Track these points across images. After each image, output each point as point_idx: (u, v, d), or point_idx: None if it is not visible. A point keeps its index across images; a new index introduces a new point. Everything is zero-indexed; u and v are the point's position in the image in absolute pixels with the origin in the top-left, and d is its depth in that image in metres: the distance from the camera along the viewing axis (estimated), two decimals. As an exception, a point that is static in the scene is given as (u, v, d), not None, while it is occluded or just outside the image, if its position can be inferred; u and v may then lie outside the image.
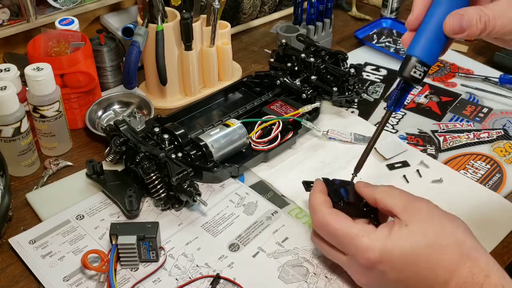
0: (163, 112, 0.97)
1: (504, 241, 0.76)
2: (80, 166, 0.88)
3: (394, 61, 1.15)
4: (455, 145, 0.93)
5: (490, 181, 0.85)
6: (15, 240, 0.75)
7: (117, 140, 0.82)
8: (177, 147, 0.84)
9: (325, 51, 1.01)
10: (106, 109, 0.98)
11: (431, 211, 0.63)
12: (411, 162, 0.89)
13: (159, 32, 0.94)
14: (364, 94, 0.97)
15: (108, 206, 0.80)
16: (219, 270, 0.71)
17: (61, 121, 0.88)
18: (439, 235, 0.60)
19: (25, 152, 0.84)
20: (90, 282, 0.69)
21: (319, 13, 1.14)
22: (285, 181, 0.85)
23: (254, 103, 0.96)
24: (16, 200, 0.82)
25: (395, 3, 1.28)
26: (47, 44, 0.94)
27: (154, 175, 0.77)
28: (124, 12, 1.16)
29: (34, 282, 0.71)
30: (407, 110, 1.01)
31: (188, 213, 0.79)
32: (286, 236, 0.76)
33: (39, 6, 1.04)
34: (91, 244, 0.74)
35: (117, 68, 1.05)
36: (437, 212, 0.63)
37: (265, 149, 0.88)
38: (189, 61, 0.99)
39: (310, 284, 0.69)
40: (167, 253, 0.73)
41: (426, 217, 0.62)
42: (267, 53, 1.12)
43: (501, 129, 0.96)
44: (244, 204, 0.81)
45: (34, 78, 0.82)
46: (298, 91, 0.96)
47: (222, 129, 0.86)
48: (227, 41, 1.05)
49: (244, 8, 1.21)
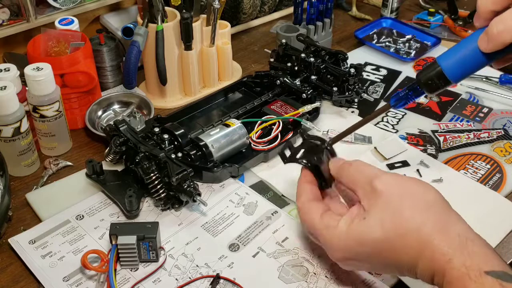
0: (163, 112, 0.97)
1: (504, 241, 0.76)
2: (80, 166, 0.88)
3: (394, 61, 1.15)
4: (455, 145, 0.93)
5: (490, 181, 0.85)
6: (15, 240, 0.75)
7: (117, 140, 0.81)
8: (177, 147, 0.84)
9: (325, 51, 1.01)
10: (106, 109, 0.98)
11: (389, 194, 0.59)
12: (411, 162, 0.89)
13: (159, 32, 0.94)
14: (364, 94, 0.98)
15: (108, 206, 0.80)
16: (219, 270, 0.71)
17: (61, 121, 0.88)
18: (397, 224, 0.57)
19: (25, 152, 0.84)
20: (90, 282, 0.69)
21: (319, 13, 1.14)
22: (285, 181, 0.85)
23: (254, 103, 0.96)
24: (16, 200, 0.82)
25: (395, 3, 1.28)
26: (47, 44, 0.94)
27: (154, 175, 0.77)
28: (124, 12, 1.16)
29: (34, 282, 0.71)
30: (407, 110, 1.01)
31: (188, 213, 0.79)
32: (286, 236, 0.76)
33: (39, 6, 1.04)
34: (91, 244, 0.74)
35: (117, 68, 1.05)
36: (395, 193, 0.59)
37: (265, 149, 0.88)
38: (189, 61, 0.99)
39: (310, 284, 0.69)
40: (167, 253, 0.73)
41: (384, 204, 0.58)
42: (267, 53, 1.12)
43: (501, 129, 0.96)
44: (244, 204, 0.81)
45: (34, 78, 0.82)
46: (298, 91, 0.96)
47: (222, 129, 0.86)
48: (227, 41, 1.05)
49: (244, 8, 1.21)
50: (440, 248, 0.55)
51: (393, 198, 0.59)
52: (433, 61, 0.63)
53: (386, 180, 0.60)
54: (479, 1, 0.60)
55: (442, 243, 0.55)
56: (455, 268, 0.53)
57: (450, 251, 0.55)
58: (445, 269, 0.54)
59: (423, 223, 0.57)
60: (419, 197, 0.59)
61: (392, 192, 0.59)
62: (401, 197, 0.59)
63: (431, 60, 1.15)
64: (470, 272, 0.53)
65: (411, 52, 1.18)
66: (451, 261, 0.54)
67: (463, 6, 1.34)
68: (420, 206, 0.58)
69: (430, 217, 0.57)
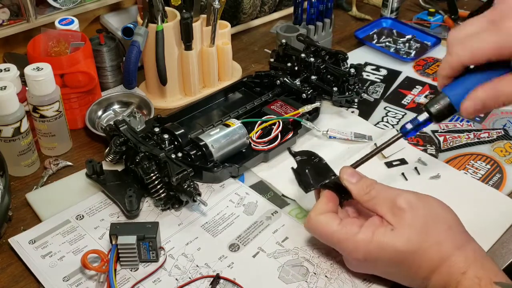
0: (163, 112, 0.97)
1: (504, 241, 0.76)
2: (80, 166, 0.88)
3: (394, 61, 1.15)
4: (455, 145, 0.93)
5: (490, 181, 0.85)
6: (15, 240, 0.75)
7: (117, 140, 0.82)
8: (177, 147, 0.84)
9: (325, 51, 1.01)
10: (106, 109, 0.98)
11: (415, 212, 0.64)
12: (409, 159, 0.89)
13: (159, 32, 0.94)
14: (364, 94, 0.98)
15: (108, 206, 0.80)
16: (219, 270, 0.71)
17: (61, 121, 0.88)
18: (422, 239, 0.63)
19: (25, 152, 0.84)
20: (90, 282, 0.69)
21: (319, 13, 1.14)
22: (285, 181, 0.85)
23: (254, 103, 0.96)
24: (16, 200, 0.82)
25: (395, 3, 1.28)
26: (47, 44, 0.94)
27: (154, 175, 0.77)
28: (124, 12, 1.16)
29: (34, 282, 0.71)
30: (407, 110, 1.01)
31: (188, 213, 0.79)
32: (286, 236, 0.76)
33: (39, 6, 1.04)
34: (91, 244, 0.74)
35: (117, 68, 1.05)
36: (421, 212, 0.65)
37: (265, 149, 0.88)
38: (189, 61, 0.99)
39: (310, 284, 0.69)
40: (167, 253, 0.73)
41: (411, 221, 0.64)
42: (267, 53, 1.12)
43: (501, 129, 0.96)
44: (244, 204, 0.81)
45: (34, 78, 0.82)
46: (298, 91, 0.96)
47: (222, 129, 0.86)
48: (227, 41, 1.05)
49: (244, 8, 1.21)
50: (458, 262, 0.61)
51: (419, 215, 0.64)
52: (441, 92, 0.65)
53: (408, 198, 0.65)
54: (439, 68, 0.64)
55: (460, 258, 0.62)
56: (468, 278, 0.60)
57: (466, 265, 0.61)
58: (459, 280, 0.60)
59: (445, 240, 0.63)
60: (441, 217, 0.65)
61: (417, 210, 0.65)
62: (425, 216, 0.64)
63: (431, 60, 1.15)
64: (481, 282, 0.59)
65: (411, 52, 1.18)
66: (465, 273, 0.61)
67: (463, 6, 1.34)
68: (442, 226, 0.64)
69: (450, 236, 0.64)
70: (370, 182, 0.68)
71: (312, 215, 0.68)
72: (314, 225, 0.68)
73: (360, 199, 0.68)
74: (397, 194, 0.66)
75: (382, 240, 0.63)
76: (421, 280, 0.64)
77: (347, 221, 0.67)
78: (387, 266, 0.65)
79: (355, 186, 0.69)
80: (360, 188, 0.68)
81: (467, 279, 0.60)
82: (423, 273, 0.63)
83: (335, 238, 0.66)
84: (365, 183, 0.68)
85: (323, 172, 0.72)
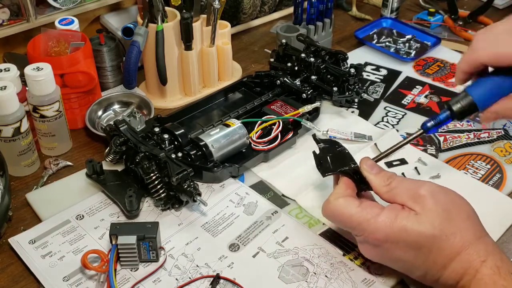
0: (163, 112, 0.97)
1: (504, 241, 0.76)
2: (80, 166, 0.88)
3: (394, 61, 1.15)
4: (455, 145, 0.93)
5: (490, 181, 0.85)
6: (15, 240, 0.75)
7: (117, 140, 0.82)
8: (177, 147, 0.84)
9: (325, 51, 1.01)
10: (106, 109, 0.98)
11: (437, 200, 0.64)
12: (409, 159, 0.89)
13: (159, 32, 0.94)
14: (364, 94, 0.98)
15: (108, 206, 0.80)
16: (219, 270, 0.71)
17: (61, 121, 0.88)
18: (445, 225, 0.63)
19: (25, 152, 0.84)
20: (90, 282, 0.69)
21: (319, 13, 1.14)
22: (285, 181, 0.85)
23: (254, 103, 0.96)
24: (16, 200, 0.82)
25: (395, 2, 1.28)
26: (47, 44, 0.94)
27: (154, 175, 0.77)
28: (124, 12, 1.16)
29: (34, 282, 0.71)
30: (407, 110, 1.01)
31: (188, 213, 0.79)
32: (286, 236, 0.76)
33: (39, 6, 1.04)
34: (91, 244, 0.74)
35: (117, 68, 1.05)
36: (442, 200, 0.65)
37: (265, 149, 0.88)
38: (189, 61, 0.99)
39: (310, 283, 0.69)
40: (167, 253, 0.73)
41: (434, 207, 0.64)
42: (267, 53, 1.12)
43: (501, 129, 0.96)
44: (244, 204, 0.81)
45: (34, 78, 0.82)
46: (298, 91, 0.96)
47: (222, 129, 0.86)
48: (227, 41, 1.05)
49: (244, 8, 1.21)
50: (479, 251, 0.62)
51: (441, 203, 0.65)
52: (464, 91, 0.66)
53: (430, 187, 0.66)
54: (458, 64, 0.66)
55: (480, 246, 0.62)
56: (488, 267, 0.61)
57: (486, 254, 0.62)
58: (478, 268, 0.61)
59: (466, 229, 0.63)
60: (462, 208, 0.66)
61: (439, 197, 0.65)
62: (447, 204, 0.65)
63: (431, 60, 1.15)
64: (500, 271, 0.60)
65: (411, 52, 1.18)
66: (485, 262, 0.61)
67: (463, 6, 1.34)
68: (463, 215, 0.65)
69: (471, 225, 0.64)
70: (391, 174, 0.69)
71: (331, 198, 0.68)
72: (333, 208, 0.67)
73: (379, 190, 0.68)
74: (419, 184, 0.67)
75: (405, 224, 0.63)
76: (437, 269, 0.63)
77: (367, 203, 0.67)
78: (406, 250, 0.64)
79: (375, 177, 0.69)
80: (380, 179, 0.68)
81: (487, 267, 0.60)
82: (442, 261, 0.63)
83: (354, 220, 0.65)
84: (385, 175, 0.69)
85: (344, 160, 0.72)
